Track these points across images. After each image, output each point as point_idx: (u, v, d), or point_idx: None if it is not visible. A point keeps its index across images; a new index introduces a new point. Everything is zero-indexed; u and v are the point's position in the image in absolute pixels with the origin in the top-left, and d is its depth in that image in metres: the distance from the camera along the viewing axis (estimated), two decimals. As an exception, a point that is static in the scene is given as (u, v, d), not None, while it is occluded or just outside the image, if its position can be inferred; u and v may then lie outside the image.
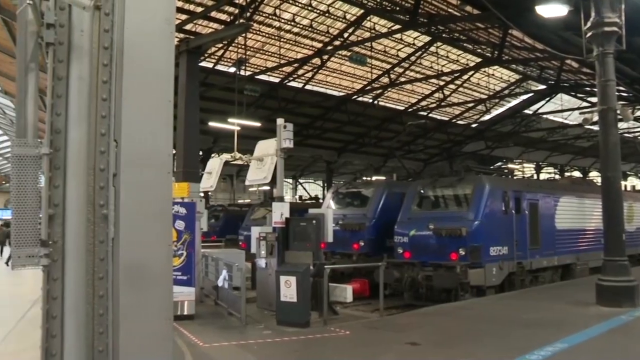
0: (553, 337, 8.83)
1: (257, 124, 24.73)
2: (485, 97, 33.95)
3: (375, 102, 32.56)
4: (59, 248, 3.59)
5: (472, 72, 30.25)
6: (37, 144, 3.54)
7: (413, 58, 28.12)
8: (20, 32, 3.72)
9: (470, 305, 12.84)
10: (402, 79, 29.68)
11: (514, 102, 37.34)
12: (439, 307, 12.71)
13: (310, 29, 24.21)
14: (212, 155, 27.53)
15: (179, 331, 10.05)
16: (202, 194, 16.47)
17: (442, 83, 31.65)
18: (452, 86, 32.36)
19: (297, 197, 47.00)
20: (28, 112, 3.64)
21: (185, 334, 10.01)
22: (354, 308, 14.22)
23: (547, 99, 34.46)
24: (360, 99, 31.84)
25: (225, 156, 18.73)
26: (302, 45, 25.51)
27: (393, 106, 34.44)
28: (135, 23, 3.77)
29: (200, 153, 23.57)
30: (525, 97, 36.23)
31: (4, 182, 68.84)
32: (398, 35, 25.30)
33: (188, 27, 20.92)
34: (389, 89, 31.13)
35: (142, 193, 3.69)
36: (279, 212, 12.83)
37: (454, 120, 38.15)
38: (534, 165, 51.33)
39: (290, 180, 54.69)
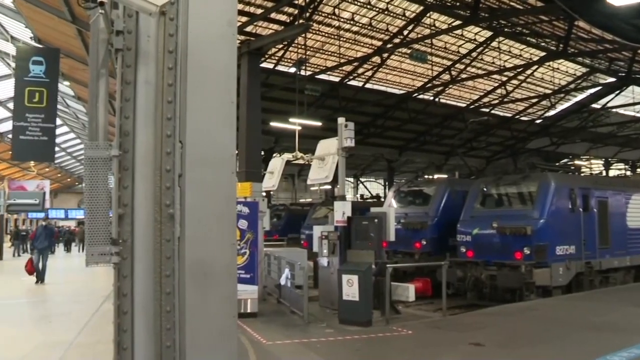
0: (627, 342, 8.47)
1: (318, 124, 24.78)
2: (550, 92, 32.86)
3: (436, 99, 32.12)
4: (128, 246, 3.72)
5: (536, 66, 29.40)
6: (107, 146, 3.67)
7: (474, 54, 27.57)
8: (92, 40, 3.87)
9: (535, 305, 12.51)
10: (464, 76, 29.15)
11: (581, 96, 35.96)
12: (503, 307, 12.45)
13: (369, 27, 24.10)
14: (274, 155, 27.81)
15: (242, 328, 10.22)
16: (264, 194, 16.65)
17: (504, 79, 30.89)
18: (515, 81, 31.53)
19: (358, 196, 46.97)
20: (99, 115, 3.78)
21: (248, 332, 10.17)
22: (416, 307, 14.10)
23: (617, 91, 33.08)
24: (421, 96, 31.46)
25: (287, 156, 18.89)
26: (362, 44, 25.42)
27: (454, 103, 33.89)
28: (199, 27, 3.85)
29: (262, 153, 23.84)
30: (592, 90, 34.87)
31: (77, 183, 71.87)
32: (459, 31, 24.85)
33: (248, 29, 21.20)
34: (450, 86, 30.63)
35: (206, 193, 3.78)
36: (341, 211, 12.85)
37: (517, 117, 37.17)
38: (602, 162, 49.36)
39: (352, 179, 54.70)
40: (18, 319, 12.46)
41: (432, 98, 32.03)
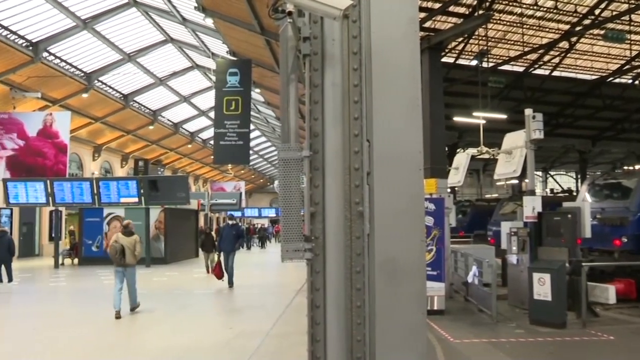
0: None
1: (503, 116, 23.90)
2: None
3: (636, 82, 29.25)
4: (320, 243, 3.88)
5: None
6: (298, 148, 3.87)
7: (686, 25, 24.49)
8: (282, 48, 4.10)
9: None
10: (671, 53, 26.15)
11: None
12: None
13: (555, 11, 22.60)
14: (458, 150, 27.39)
15: (429, 326, 10.16)
16: (449, 190, 16.45)
17: None
18: None
19: (547, 190, 44.51)
20: (290, 119, 4.00)
21: (435, 329, 10.10)
22: (617, 311, 12.93)
23: None
24: (617, 80, 28.91)
25: (471, 151, 18.50)
26: (547, 30, 23.95)
27: (659, 84, 30.60)
28: (381, 26, 3.90)
29: (446, 149, 23.54)
30: None
31: (268, 183, 76.78)
32: (666, 0, 22.24)
33: (427, 24, 21.02)
34: (654, 66, 27.69)
35: (394, 190, 3.81)
36: (531, 206, 12.28)
37: None
38: None
39: (540, 173, 52.06)
40: (220, 309, 13.60)
41: (630, 81, 29.25)
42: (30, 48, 24.18)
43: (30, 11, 22.28)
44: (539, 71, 27.49)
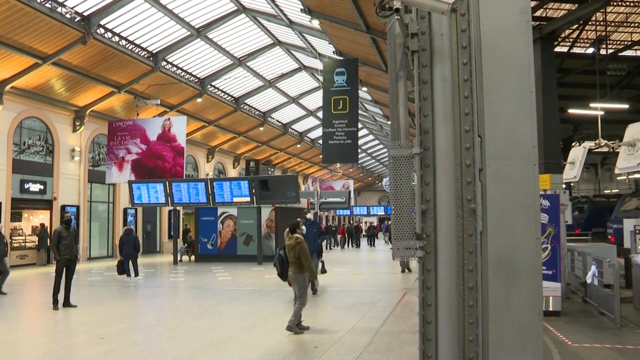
0: None
1: (624, 106, 22.44)
2: None
3: None
4: (431, 241, 3.85)
5: None
6: (409, 145, 3.86)
7: None
8: (389, 46, 4.10)
9: None
10: None
11: None
12: None
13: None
14: (573, 144, 26.10)
15: (545, 327, 9.73)
16: (564, 185, 15.74)
17: None
18: None
19: (677, 185, 41.33)
20: (400, 116, 3.99)
21: (551, 331, 9.67)
22: None
23: None
24: None
25: (588, 144, 17.58)
26: (680, 7, 22.13)
27: None
28: (491, 18, 3.82)
29: (560, 143, 22.48)
30: None
31: (377, 182, 76.90)
32: None
33: (538, 13, 20.11)
34: None
35: (508, 186, 3.72)
36: (657, 203, 11.51)
37: None
38: None
39: (668, 166, 48.37)
40: (330, 306, 13.75)
41: None
42: (151, 58, 25.76)
43: (150, 25, 23.77)
44: (667, 54, 25.51)
